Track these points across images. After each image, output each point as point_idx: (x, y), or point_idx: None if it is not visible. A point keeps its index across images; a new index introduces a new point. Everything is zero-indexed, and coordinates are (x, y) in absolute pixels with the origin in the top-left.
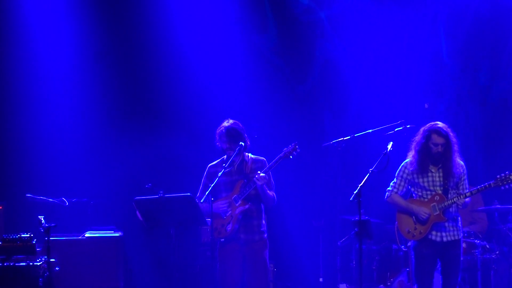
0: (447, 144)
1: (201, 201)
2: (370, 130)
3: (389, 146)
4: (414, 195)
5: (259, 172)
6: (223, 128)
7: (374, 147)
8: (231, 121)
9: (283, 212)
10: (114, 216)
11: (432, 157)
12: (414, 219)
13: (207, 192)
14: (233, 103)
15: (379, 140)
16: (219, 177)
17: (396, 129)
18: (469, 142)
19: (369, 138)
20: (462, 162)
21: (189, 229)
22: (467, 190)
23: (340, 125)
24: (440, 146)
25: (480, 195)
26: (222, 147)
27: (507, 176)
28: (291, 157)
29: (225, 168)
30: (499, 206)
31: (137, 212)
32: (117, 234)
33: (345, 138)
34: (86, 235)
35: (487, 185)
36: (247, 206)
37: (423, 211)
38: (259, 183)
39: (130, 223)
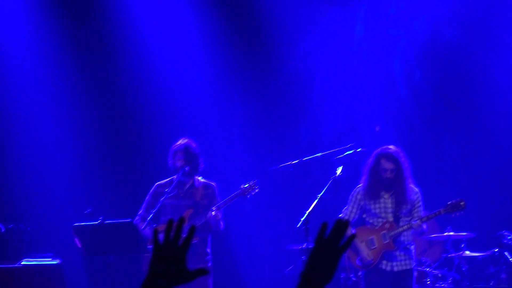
0: (398, 169)
1: (143, 228)
2: (319, 154)
3: (338, 171)
4: (366, 222)
5: (212, 210)
6: (179, 144)
7: (325, 172)
8: (186, 139)
9: (229, 239)
10: (52, 243)
11: (383, 182)
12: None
13: (149, 218)
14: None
15: (329, 165)
16: (165, 199)
17: (346, 153)
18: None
19: (319, 162)
20: (416, 189)
21: (130, 256)
22: (421, 216)
23: (291, 148)
24: (389, 172)
25: (435, 222)
26: (175, 166)
27: (458, 202)
28: (248, 196)
29: (168, 193)
30: (452, 233)
31: (76, 239)
32: (54, 262)
33: (293, 162)
34: (23, 263)
35: (437, 212)
36: (195, 241)
37: (367, 255)
38: (212, 222)
39: (69, 251)
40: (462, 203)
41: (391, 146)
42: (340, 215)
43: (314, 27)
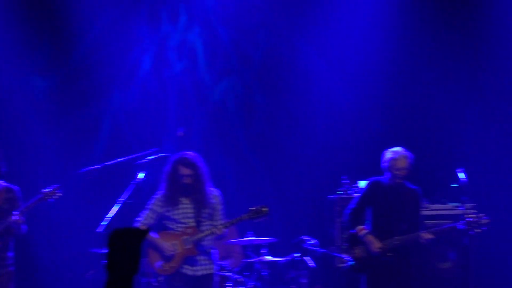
0: (196, 175)
1: None
2: (121, 159)
3: (140, 176)
4: (168, 228)
5: (14, 214)
6: None
7: (127, 176)
8: None
9: (31, 243)
10: None
11: (182, 188)
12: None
13: None
14: None
15: (132, 169)
16: None
17: (148, 158)
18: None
19: (122, 167)
20: (217, 192)
21: None
22: (223, 221)
23: (95, 152)
24: (187, 177)
25: (235, 227)
26: None
27: (260, 208)
28: (50, 200)
29: None
30: (253, 238)
31: None
32: None
33: (96, 167)
34: None
35: (239, 218)
36: None
37: (167, 247)
38: (14, 226)
39: None
40: (264, 209)
41: (188, 152)
42: (137, 219)
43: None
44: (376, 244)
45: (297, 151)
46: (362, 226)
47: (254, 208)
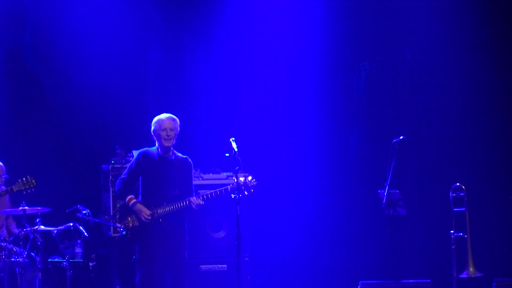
0: None
1: None
2: None
3: None
4: None
5: None
6: None
7: None
8: None
9: None
10: None
11: None
12: None
13: None
14: None
15: None
16: None
17: None
18: None
19: None
20: None
21: None
22: None
23: None
24: None
25: (7, 198)
26: None
27: (28, 179)
28: None
29: None
30: (27, 207)
31: None
32: None
33: None
34: None
35: (9, 189)
36: None
37: None
38: None
39: None
40: (33, 180)
41: None
42: None
43: None
44: (145, 212)
45: (69, 119)
46: (131, 196)
47: (22, 180)
